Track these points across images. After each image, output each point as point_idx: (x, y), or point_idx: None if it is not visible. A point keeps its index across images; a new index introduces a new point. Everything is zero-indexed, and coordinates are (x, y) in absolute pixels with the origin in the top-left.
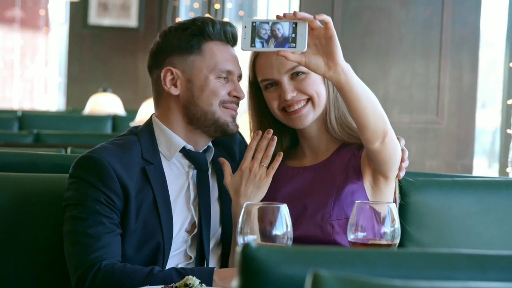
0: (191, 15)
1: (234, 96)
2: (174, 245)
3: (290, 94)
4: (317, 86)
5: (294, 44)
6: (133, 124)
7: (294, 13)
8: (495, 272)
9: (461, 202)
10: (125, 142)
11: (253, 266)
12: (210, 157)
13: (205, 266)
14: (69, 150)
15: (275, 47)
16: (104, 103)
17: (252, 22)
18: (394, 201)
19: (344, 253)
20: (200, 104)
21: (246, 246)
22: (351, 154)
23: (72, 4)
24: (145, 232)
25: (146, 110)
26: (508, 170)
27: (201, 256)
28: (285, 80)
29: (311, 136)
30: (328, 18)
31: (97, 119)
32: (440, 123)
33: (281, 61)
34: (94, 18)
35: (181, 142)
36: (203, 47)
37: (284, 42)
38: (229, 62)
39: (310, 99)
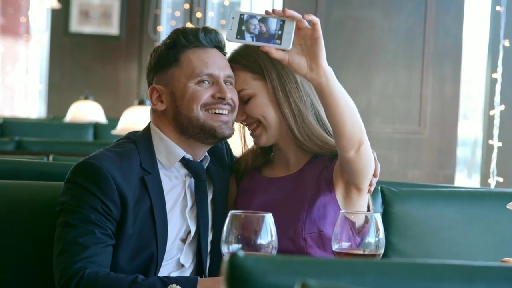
0: (173, 24)
1: (219, 98)
2: (167, 255)
3: (239, 118)
4: (262, 109)
5: (279, 41)
6: (115, 132)
7: (283, 10)
8: (482, 283)
9: (444, 213)
10: (124, 150)
11: (240, 275)
12: (206, 165)
13: (203, 275)
14: (51, 157)
15: (260, 42)
16: (86, 111)
17: (240, 14)
18: None
19: (331, 263)
20: (183, 112)
21: (233, 255)
22: (324, 165)
23: (53, 11)
24: (139, 242)
25: (128, 118)
26: (490, 181)
27: (199, 265)
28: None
29: (281, 149)
30: (316, 20)
31: (79, 127)
32: (422, 133)
33: (235, 81)
34: (76, 25)
35: (181, 152)
36: (180, 57)
37: (269, 38)
38: (208, 66)
39: (260, 122)
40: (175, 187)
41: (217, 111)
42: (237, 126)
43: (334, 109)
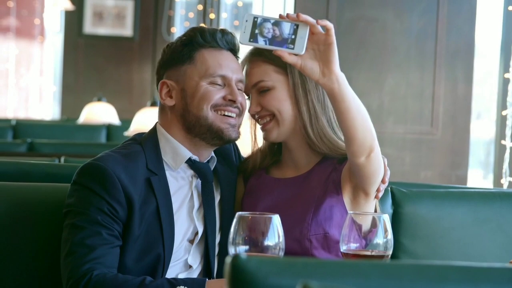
0: (186, 25)
1: (230, 100)
2: (174, 256)
3: (253, 109)
4: (279, 103)
5: (292, 46)
6: (127, 133)
7: (297, 14)
8: (487, 285)
9: (455, 213)
10: (130, 152)
11: (242, 277)
12: (213, 166)
13: (211, 276)
14: (62, 159)
15: (273, 45)
16: (99, 113)
17: (254, 17)
18: None
19: (334, 265)
20: (192, 110)
21: (236, 257)
22: (332, 167)
23: (67, 13)
24: (146, 243)
25: (141, 120)
26: (502, 181)
27: (206, 266)
28: (253, 94)
29: (291, 149)
30: (330, 25)
31: (92, 128)
32: (434, 133)
33: (252, 73)
34: (89, 27)
35: (187, 153)
36: (194, 55)
37: (283, 42)
38: (222, 67)
39: (274, 116)
40: (182, 188)
41: (226, 113)
42: (248, 122)
43: (345, 115)
